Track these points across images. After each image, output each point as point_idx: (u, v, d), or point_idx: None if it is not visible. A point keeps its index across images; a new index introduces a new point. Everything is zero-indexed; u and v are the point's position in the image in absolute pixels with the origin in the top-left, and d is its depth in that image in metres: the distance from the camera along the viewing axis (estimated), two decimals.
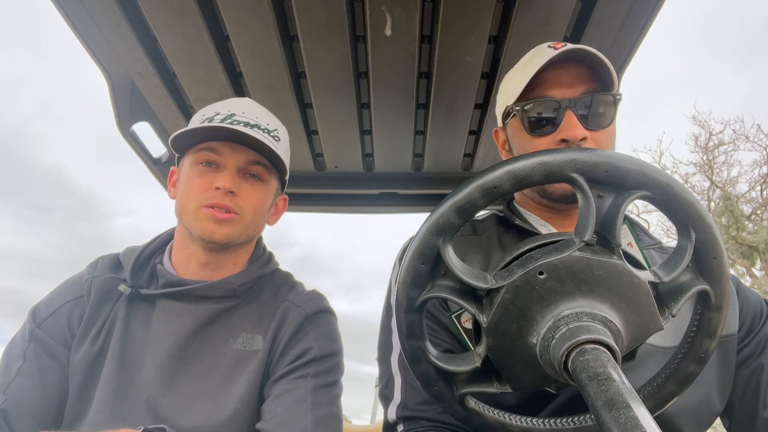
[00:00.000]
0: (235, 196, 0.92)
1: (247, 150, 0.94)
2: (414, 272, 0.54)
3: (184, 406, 0.87)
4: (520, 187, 0.51)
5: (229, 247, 0.96)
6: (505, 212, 0.91)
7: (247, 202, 0.94)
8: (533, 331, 0.50)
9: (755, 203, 14.90)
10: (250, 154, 0.94)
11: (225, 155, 0.93)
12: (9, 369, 0.88)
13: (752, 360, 0.78)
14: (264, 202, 0.99)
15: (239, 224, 0.93)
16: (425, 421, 0.76)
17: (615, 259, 0.50)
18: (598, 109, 0.80)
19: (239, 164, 0.94)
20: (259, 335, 0.94)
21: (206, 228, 0.90)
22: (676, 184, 0.51)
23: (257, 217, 0.97)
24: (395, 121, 1.44)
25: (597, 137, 0.80)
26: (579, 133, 0.78)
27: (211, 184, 0.91)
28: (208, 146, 0.93)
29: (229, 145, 0.94)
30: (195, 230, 0.91)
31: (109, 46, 1.22)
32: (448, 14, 1.08)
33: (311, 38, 1.15)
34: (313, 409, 0.88)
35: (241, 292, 0.98)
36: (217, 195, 0.91)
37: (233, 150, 0.94)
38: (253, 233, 0.99)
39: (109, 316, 0.94)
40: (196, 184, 0.92)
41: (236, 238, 0.94)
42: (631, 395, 0.38)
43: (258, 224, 0.99)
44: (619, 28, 1.14)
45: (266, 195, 0.99)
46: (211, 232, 0.90)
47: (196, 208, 0.91)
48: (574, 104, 0.79)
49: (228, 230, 0.91)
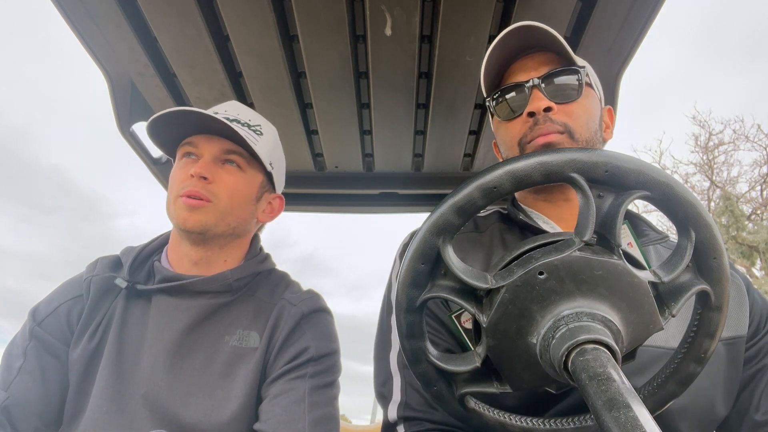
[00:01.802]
0: (209, 182, 0.93)
1: (223, 140, 0.97)
2: (414, 272, 0.54)
3: (182, 401, 0.87)
4: (520, 187, 0.51)
5: (210, 238, 0.96)
6: (509, 209, 0.91)
7: (221, 188, 0.94)
8: (533, 331, 0.50)
9: (755, 203, 14.91)
10: (225, 143, 0.97)
11: (201, 146, 0.96)
12: (10, 368, 0.88)
13: (754, 363, 0.78)
14: (240, 188, 0.98)
15: (212, 210, 0.93)
16: (428, 422, 0.75)
17: (615, 259, 0.50)
18: (563, 83, 0.82)
19: (215, 152, 0.96)
20: (256, 332, 0.95)
21: (180, 216, 0.92)
22: (676, 183, 0.51)
23: (234, 204, 0.97)
24: (395, 121, 1.44)
25: (567, 109, 0.82)
26: (542, 104, 0.80)
27: (187, 173, 0.93)
28: (188, 141, 0.97)
29: (206, 137, 0.97)
30: (173, 220, 0.94)
31: (109, 46, 1.22)
32: (448, 14, 1.08)
33: (311, 38, 1.15)
34: (311, 410, 0.88)
35: (236, 287, 0.98)
36: (192, 182, 0.92)
37: (209, 140, 0.97)
38: (233, 222, 0.98)
39: (107, 313, 0.94)
40: (175, 176, 0.96)
41: (212, 226, 0.94)
42: (631, 395, 0.38)
43: (238, 214, 0.98)
44: (619, 28, 1.14)
45: (244, 182, 0.99)
46: (184, 220, 0.91)
47: (174, 199, 0.93)
48: (538, 83, 0.82)
49: (200, 217, 0.92)
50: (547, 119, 0.80)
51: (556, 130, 0.80)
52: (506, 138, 0.87)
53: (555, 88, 0.82)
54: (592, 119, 0.84)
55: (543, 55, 0.85)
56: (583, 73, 0.83)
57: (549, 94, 0.81)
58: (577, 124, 0.81)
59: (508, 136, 0.86)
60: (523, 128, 0.83)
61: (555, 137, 0.79)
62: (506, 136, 0.87)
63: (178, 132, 0.97)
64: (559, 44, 0.82)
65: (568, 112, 0.81)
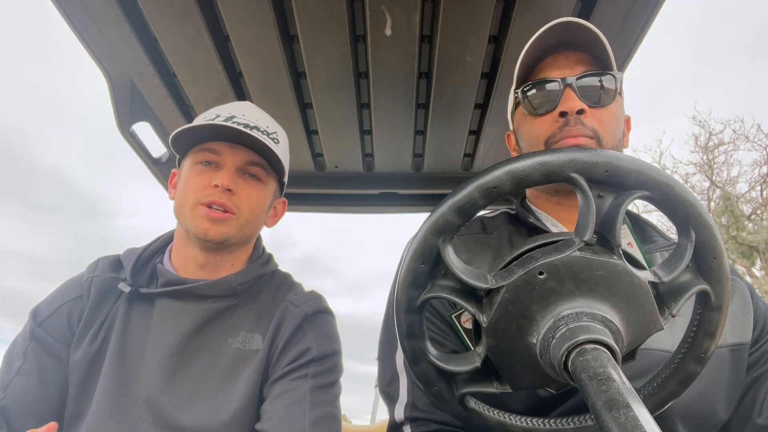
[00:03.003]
0: (233, 194, 0.93)
1: (246, 150, 0.95)
2: (414, 272, 0.54)
3: (184, 405, 0.87)
4: (520, 187, 0.51)
5: (225, 246, 0.96)
6: (518, 210, 0.90)
7: (244, 201, 0.94)
8: (533, 331, 0.50)
9: (755, 203, 14.90)
10: (249, 154, 0.95)
11: (224, 155, 0.94)
12: (9, 368, 0.88)
13: (757, 368, 0.78)
14: (261, 202, 0.99)
15: (235, 224, 0.93)
16: (435, 423, 0.75)
17: (615, 259, 0.50)
18: (597, 86, 0.81)
19: (238, 164, 0.95)
20: (258, 335, 0.95)
21: (201, 226, 0.91)
22: (676, 184, 0.51)
23: (254, 217, 0.97)
24: (395, 121, 1.44)
25: (597, 114, 0.80)
26: (576, 105, 0.78)
27: (209, 182, 0.92)
28: (208, 147, 0.95)
29: (228, 145, 0.95)
30: (191, 228, 0.92)
31: (109, 46, 1.22)
32: (448, 14, 1.08)
33: (311, 38, 1.15)
34: (312, 410, 0.88)
35: (240, 291, 0.98)
36: (216, 192, 0.91)
37: (232, 150, 0.95)
38: (249, 233, 0.99)
39: (108, 315, 0.94)
40: (194, 182, 0.93)
41: (231, 238, 0.94)
42: (631, 395, 0.38)
43: (255, 225, 1.00)
44: (619, 28, 1.14)
45: (264, 196, 1.00)
46: (206, 231, 0.91)
47: (193, 206, 0.92)
48: (572, 82, 0.80)
49: (223, 229, 0.92)
50: (579, 121, 0.78)
51: (586, 134, 0.78)
52: (532, 134, 0.84)
53: (589, 90, 0.80)
54: (618, 127, 0.83)
55: (578, 54, 0.83)
56: (618, 80, 0.82)
57: (583, 95, 0.79)
58: (606, 132, 0.80)
59: (535, 133, 0.83)
60: (552, 127, 0.81)
61: (584, 141, 0.78)
62: (533, 132, 0.84)
63: (198, 136, 0.95)
64: (601, 46, 0.80)
65: (599, 118, 0.80)
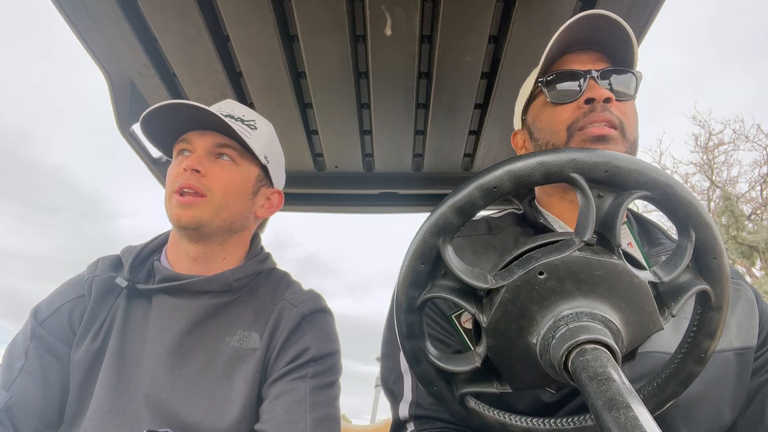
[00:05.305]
0: (203, 176, 0.93)
1: (215, 134, 0.97)
2: (414, 272, 0.54)
3: (183, 402, 0.87)
4: (520, 187, 0.51)
5: (207, 234, 0.96)
6: (526, 210, 0.89)
7: (215, 182, 0.94)
8: (533, 331, 0.50)
9: (755, 203, 14.90)
10: (218, 137, 0.97)
11: (194, 142, 0.97)
12: (11, 368, 0.88)
13: (762, 372, 0.77)
14: (235, 184, 0.98)
15: (207, 205, 0.93)
16: (440, 422, 0.75)
17: (615, 259, 0.50)
18: (620, 82, 0.81)
19: (207, 147, 0.96)
20: (256, 333, 0.95)
21: (174, 213, 0.92)
22: (676, 184, 0.51)
23: (230, 199, 0.96)
24: (395, 121, 1.44)
25: (622, 106, 0.80)
26: (603, 93, 0.78)
27: (181, 168, 0.93)
28: (182, 138, 0.98)
29: (198, 132, 0.97)
30: (170, 219, 0.94)
31: (109, 46, 1.22)
32: (448, 14, 1.08)
33: (311, 38, 1.15)
34: (312, 410, 0.88)
35: (237, 287, 0.98)
36: (185, 176, 0.92)
37: (202, 135, 0.97)
38: (229, 218, 0.97)
39: (108, 314, 0.95)
40: (171, 173, 0.96)
41: (207, 221, 0.93)
42: (631, 395, 0.38)
43: (234, 208, 0.98)
44: None
45: (239, 177, 0.99)
46: (179, 217, 0.91)
47: (169, 196, 0.94)
48: (596, 74, 0.80)
49: (195, 212, 0.92)
50: (605, 108, 0.78)
51: (612, 121, 0.77)
52: (552, 122, 0.83)
53: (614, 84, 0.81)
54: (637, 124, 0.83)
55: (597, 54, 0.84)
56: (639, 80, 0.83)
57: (607, 87, 0.80)
58: (629, 124, 0.79)
59: (556, 120, 0.82)
60: (576, 113, 0.80)
61: (610, 131, 0.77)
62: (553, 120, 0.83)
63: (172, 129, 0.97)
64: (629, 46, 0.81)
65: (623, 110, 0.80)
